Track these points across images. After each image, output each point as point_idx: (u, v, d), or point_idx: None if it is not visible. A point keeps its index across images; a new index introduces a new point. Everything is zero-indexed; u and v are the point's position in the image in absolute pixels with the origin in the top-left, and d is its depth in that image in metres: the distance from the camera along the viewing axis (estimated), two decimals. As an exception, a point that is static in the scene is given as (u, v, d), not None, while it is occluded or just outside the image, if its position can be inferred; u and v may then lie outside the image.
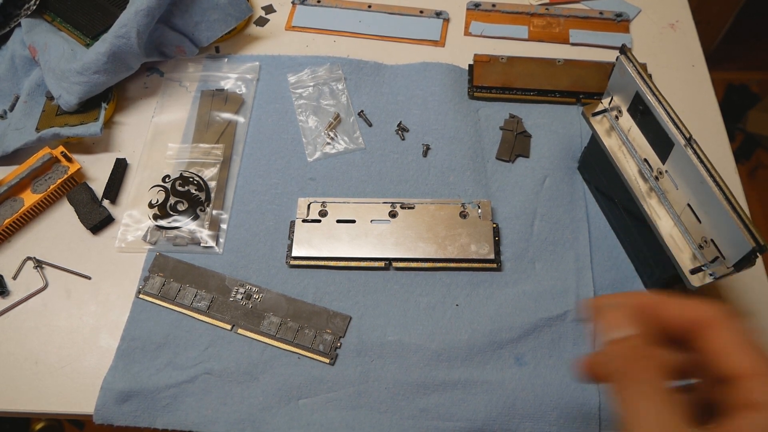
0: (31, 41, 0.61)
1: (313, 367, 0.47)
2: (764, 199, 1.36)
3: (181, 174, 0.56)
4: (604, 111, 0.48)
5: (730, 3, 1.30)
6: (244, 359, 0.48)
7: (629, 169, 0.46)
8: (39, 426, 0.98)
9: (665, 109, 0.41)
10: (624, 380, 0.28)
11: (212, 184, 0.55)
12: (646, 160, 0.45)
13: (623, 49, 0.44)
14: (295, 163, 0.57)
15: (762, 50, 1.45)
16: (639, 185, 0.45)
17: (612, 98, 0.47)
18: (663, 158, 0.43)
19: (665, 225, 0.43)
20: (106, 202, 0.55)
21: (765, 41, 1.42)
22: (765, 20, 1.34)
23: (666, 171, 0.43)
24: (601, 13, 0.67)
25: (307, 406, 0.46)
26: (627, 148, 0.46)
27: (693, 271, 0.40)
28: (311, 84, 0.61)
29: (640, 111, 0.44)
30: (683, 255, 0.41)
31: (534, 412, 0.45)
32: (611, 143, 0.47)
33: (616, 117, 0.47)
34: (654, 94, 0.42)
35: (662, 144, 0.42)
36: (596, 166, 0.51)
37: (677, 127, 0.40)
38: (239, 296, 0.50)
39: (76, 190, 0.55)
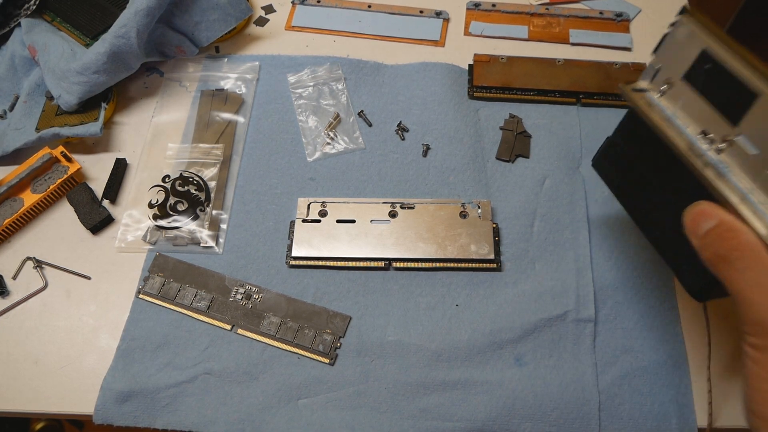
0: (30, 41, 0.61)
1: (313, 367, 0.47)
2: None
3: (181, 174, 0.56)
4: (644, 90, 0.43)
5: (730, 3, 1.30)
6: (244, 359, 0.48)
7: (684, 146, 0.39)
8: (39, 426, 0.98)
9: (744, 59, 0.36)
10: (728, 260, 0.32)
11: (212, 184, 0.55)
12: (704, 132, 0.39)
13: (685, 9, 0.39)
14: (295, 163, 0.57)
15: (762, 50, 1.44)
16: (698, 163, 0.38)
17: (657, 73, 0.42)
18: (735, 119, 0.37)
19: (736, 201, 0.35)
20: (106, 202, 0.55)
21: (765, 41, 1.42)
22: (765, 20, 1.34)
23: (739, 136, 0.37)
24: (601, 13, 0.67)
25: (307, 406, 0.46)
26: (675, 124, 0.41)
27: None
28: (311, 84, 0.61)
29: (705, 72, 0.39)
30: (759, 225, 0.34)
31: (534, 412, 0.45)
32: (659, 121, 0.41)
33: (661, 93, 0.42)
34: (729, 47, 0.37)
35: (735, 102, 0.37)
36: (628, 156, 0.45)
37: (762, 74, 0.35)
38: (239, 296, 0.50)
39: (76, 190, 0.55)
